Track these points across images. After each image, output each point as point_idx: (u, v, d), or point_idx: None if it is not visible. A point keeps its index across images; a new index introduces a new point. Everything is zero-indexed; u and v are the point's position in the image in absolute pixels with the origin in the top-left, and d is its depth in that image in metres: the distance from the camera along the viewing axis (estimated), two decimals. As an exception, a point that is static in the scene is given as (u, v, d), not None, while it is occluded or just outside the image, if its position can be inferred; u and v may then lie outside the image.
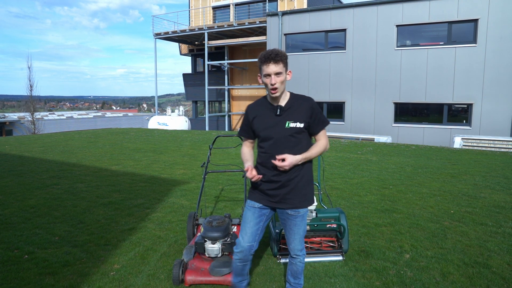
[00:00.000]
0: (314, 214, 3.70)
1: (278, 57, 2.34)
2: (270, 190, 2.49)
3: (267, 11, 19.76)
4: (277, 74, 2.35)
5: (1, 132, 30.39)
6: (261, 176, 2.45)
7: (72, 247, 3.83)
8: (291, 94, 2.53)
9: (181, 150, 10.64)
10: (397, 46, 15.03)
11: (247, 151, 2.63)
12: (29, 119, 28.48)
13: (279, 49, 2.41)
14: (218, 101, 25.47)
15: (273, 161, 2.38)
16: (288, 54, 17.33)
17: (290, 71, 2.46)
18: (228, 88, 23.50)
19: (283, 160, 2.37)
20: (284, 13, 17.44)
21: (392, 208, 5.16)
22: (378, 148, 11.31)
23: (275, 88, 2.38)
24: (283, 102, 2.48)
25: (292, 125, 2.43)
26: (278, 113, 2.45)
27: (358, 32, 15.73)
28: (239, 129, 2.65)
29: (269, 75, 2.35)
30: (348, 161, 8.96)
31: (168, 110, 23.77)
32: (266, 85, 2.40)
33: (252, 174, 2.41)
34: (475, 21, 13.63)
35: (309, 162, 2.53)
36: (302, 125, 2.44)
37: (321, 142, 2.52)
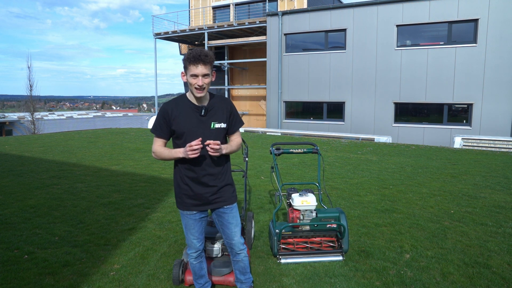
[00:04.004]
0: (314, 214, 3.70)
1: (207, 58, 2.33)
2: (202, 193, 2.51)
3: (267, 11, 19.75)
4: (205, 75, 2.35)
5: (1, 132, 30.37)
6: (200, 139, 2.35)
7: (72, 247, 3.83)
8: (210, 94, 2.54)
9: (181, 150, 10.63)
10: (397, 46, 15.03)
11: (163, 147, 2.51)
12: (29, 119, 28.40)
13: (207, 50, 2.39)
14: (218, 101, 25.43)
15: (209, 141, 2.33)
16: (288, 54, 17.41)
17: (214, 72, 2.47)
18: (228, 88, 23.49)
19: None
20: (284, 13, 17.43)
21: (392, 208, 5.16)
22: (378, 148, 11.31)
23: (202, 89, 2.37)
24: (205, 102, 2.48)
25: (217, 125, 2.48)
26: (202, 113, 2.44)
27: (358, 32, 15.73)
28: (152, 126, 2.50)
29: (196, 75, 2.34)
30: (348, 161, 8.96)
31: (168, 110, 23.73)
32: (190, 84, 2.38)
33: (196, 142, 2.30)
34: (475, 21, 13.63)
35: (229, 158, 2.64)
36: (225, 125, 2.51)
37: (237, 140, 2.61)
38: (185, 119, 2.44)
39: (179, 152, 2.41)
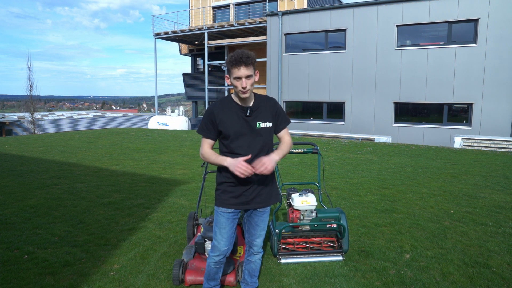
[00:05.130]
0: (314, 214, 3.70)
1: (249, 60, 2.36)
2: (243, 192, 2.51)
3: (267, 11, 19.75)
4: (248, 77, 2.37)
5: (1, 132, 30.37)
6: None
7: (72, 247, 3.83)
8: (255, 94, 2.56)
9: (181, 150, 10.63)
10: (397, 46, 15.03)
11: (211, 151, 2.53)
12: (29, 119, 28.40)
13: (248, 51, 2.42)
14: (218, 101, 25.44)
15: (255, 167, 2.36)
16: (288, 54, 17.40)
17: (257, 72, 2.49)
18: (228, 88, 23.49)
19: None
20: (284, 13, 17.43)
21: (392, 208, 5.16)
22: (378, 148, 11.31)
23: (247, 90, 2.39)
24: (250, 102, 2.50)
25: (262, 125, 2.49)
26: (248, 114, 2.46)
27: (358, 32, 15.73)
28: (199, 127, 2.53)
29: (240, 78, 2.36)
30: (348, 161, 8.96)
31: (168, 110, 23.77)
32: (235, 87, 2.41)
33: (247, 167, 2.32)
34: (475, 21, 13.62)
35: None
36: (270, 125, 2.52)
37: (287, 139, 2.60)
38: (231, 120, 2.46)
39: (224, 161, 2.43)
